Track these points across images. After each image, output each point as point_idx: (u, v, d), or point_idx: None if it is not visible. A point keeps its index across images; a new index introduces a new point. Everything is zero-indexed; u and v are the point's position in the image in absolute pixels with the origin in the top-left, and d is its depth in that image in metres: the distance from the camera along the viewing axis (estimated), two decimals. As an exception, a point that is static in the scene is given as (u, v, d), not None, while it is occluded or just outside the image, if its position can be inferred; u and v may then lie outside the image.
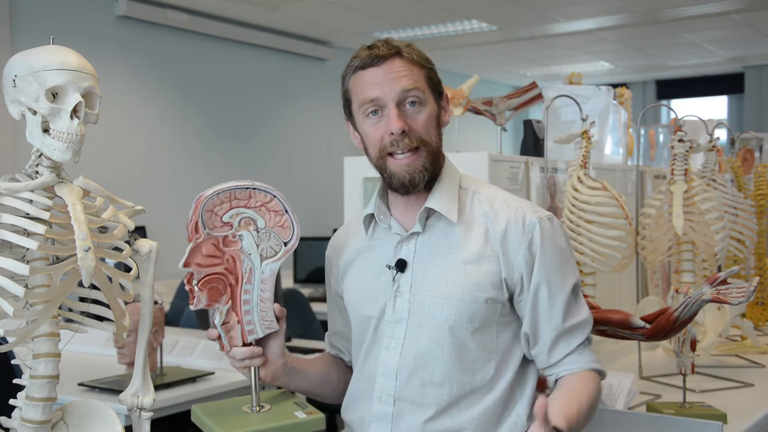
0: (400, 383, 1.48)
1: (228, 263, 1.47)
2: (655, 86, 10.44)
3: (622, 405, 2.05)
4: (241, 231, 1.46)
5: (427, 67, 1.50)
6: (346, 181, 2.70)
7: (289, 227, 1.48)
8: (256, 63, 7.12)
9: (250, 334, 1.49)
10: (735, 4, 6.59)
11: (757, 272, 3.18)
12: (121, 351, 2.65)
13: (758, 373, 2.65)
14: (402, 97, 1.45)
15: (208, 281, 1.45)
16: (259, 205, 1.47)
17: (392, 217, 1.55)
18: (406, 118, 1.45)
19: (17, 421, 1.33)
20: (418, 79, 1.46)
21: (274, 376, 1.55)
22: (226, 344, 1.49)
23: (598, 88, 3.17)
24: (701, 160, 3.01)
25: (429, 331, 1.47)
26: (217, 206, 1.44)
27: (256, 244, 1.47)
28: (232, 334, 1.49)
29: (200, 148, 6.61)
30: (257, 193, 1.47)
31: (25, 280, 1.29)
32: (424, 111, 1.47)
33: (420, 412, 1.47)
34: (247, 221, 1.47)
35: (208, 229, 1.44)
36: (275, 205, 1.48)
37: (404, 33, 7.43)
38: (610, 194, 2.36)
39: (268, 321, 1.50)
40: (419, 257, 1.50)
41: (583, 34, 7.66)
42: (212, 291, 1.46)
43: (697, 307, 1.74)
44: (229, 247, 1.46)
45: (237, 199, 1.46)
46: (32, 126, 1.29)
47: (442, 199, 1.50)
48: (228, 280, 1.47)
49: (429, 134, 1.47)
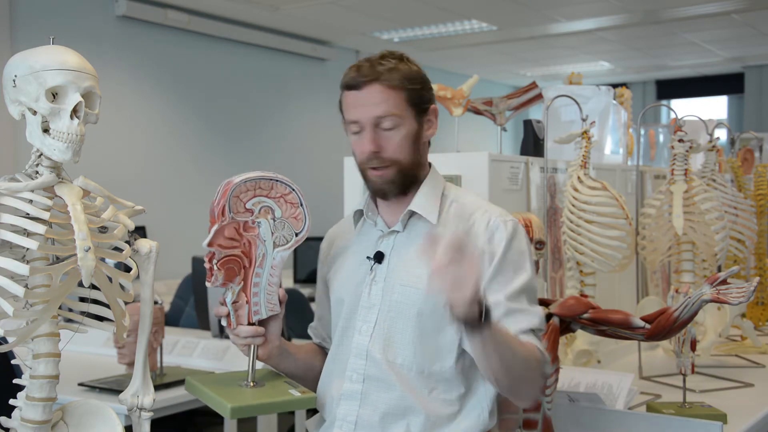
0: (369, 363, 1.59)
1: (245, 247, 1.57)
2: (655, 86, 10.44)
3: (622, 405, 2.05)
4: (260, 218, 1.57)
5: (409, 88, 1.59)
6: (346, 181, 2.70)
7: (302, 219, 1.60)
8: (256, 63, 7.12)
9: (255, 315, 1.59)
10: (735, 4, 6.59)
11: (757, 272, 3.18)
12: (121, 351, 2.65)
13: (758, 373, 2.65)
14: (376, 122, 1.58)
15: (226, 262, 1.55)
16: (278, 196, 1.59)
17: (379, 215, 1.68)
18: (380, 139, 1.58)
19: (17, 421, 1.33)
20: (393, 104, 1.57)
21: (269, 355, 1.65)
22: (233, 321, 1.59)
23: (598, 88, 3.17)
24: (701, 160, 3.01)
25: (396, 317, 1.58)
26: (242, 193, 1.55)
27: (272, 231, 1.58)
28: (239, 313, 1.59)
29: (200, 148, 6.61)
30: (278, 185, 1.59)
31: (25, 280, 1.29)
32: (398, 132, 1.58)
33: (386, 390, 1.56)
34: (266, 210, 1.58)
35: (232, 213, 1.54)
36: (293, 197, 1.60)
37: (404, 33, 7.42)
38: (610, 194, 2.36)
39: (272, 304, 1.60)
40: (396, 251, 1.63)
41: (583, 34, 7.66)
42: (228, 271, 1.55)
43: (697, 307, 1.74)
44: (248, 232, 1.57)
45: (261, 188, 1.57)
46: (32, 126, 1.29)
47: (423, 203, 1.63)
48: (243, 263, 1.57)
49: (402, 152, 1.59)
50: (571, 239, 2.37)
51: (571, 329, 1.90)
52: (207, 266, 1.54)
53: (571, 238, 2.37)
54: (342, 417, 1.60)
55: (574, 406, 2.02)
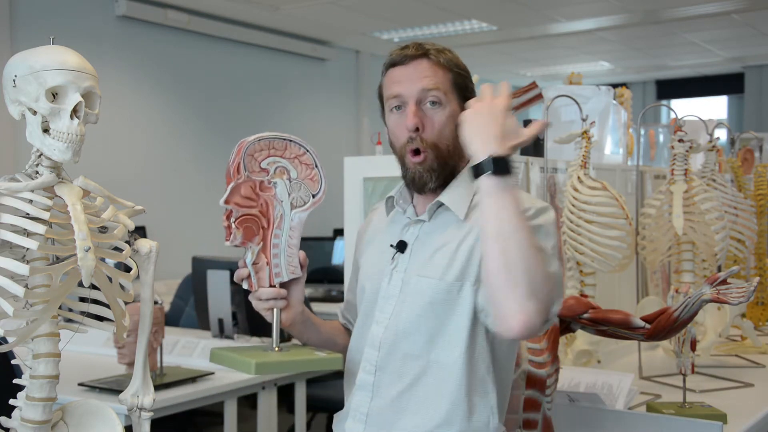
0: (382, 354, 1.55)
1: (262, 207, 1.58)
2: (655, 86, 10.44)
3: (622, 405, 2.05)
4: (275, 178, 1.59)
5: (455, 71, 1.58)
6: (346, 181, 2.71)
7: (317, 180, 1.61)
8: (256, 63, 7.12)
9: (277, 277, 1.60)
10: (735, 4, 6.59)
11: (757, 272, 3.18)
12: (121, 351, 2.65)
13: (758, 373, 2.65)
14: (422, 95, 1.53)
15: (243, 220, 1.56)
16: (293, 156, 1.60)
17: (412, 203, 1.64)
18: (423, 116, 1.53)
19: (17, 421, 1.33)
20: (440, 81, 1.54)
21: (293, 321, 1.64)
22: (254, 283, 1.59)
23: (598, 88, 3.17)
24: (701, 160, 3.01)
25: (410, 307, 1.54)
26: (257, 152, 1.56)
27: (288, 192, 1.59)
28: (260, 275, 1.59)
29: (200, 148, 6.61)
30: (292, 146, 1.60)
31: (25, 280, 1.29)
32: (442, 112, 1.54)
33: (397, 382, 1.53)
34: (281, 170, 1.59)
35: (248, 172, 1.55)
36: (307, 158, 1.61)
37: (404, 33, 7.42)
38: (610, 194, 2.36)
39: (293, 266, 1.61)
40: (419, 241, 1.58)
41: (583, 34, 7.66)
42: (247, 230, 1.56)
43: (697, 307, 1.74)
44: (264, 192, 1.58)
45: (274, 148, 1.58)
46: (32, 126, 1.29)
47: (454, 196, 1.56)
48: (261, 223, 1.58)
49: (442, 136, 1.54)
50: (571, 239, 2.37)
51: (571, 329, 1.90)
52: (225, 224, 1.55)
53: (571, 238, 2.37)
54: (355, 407, 1.57)
55: (574, 406, 2.02)
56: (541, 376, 1.77)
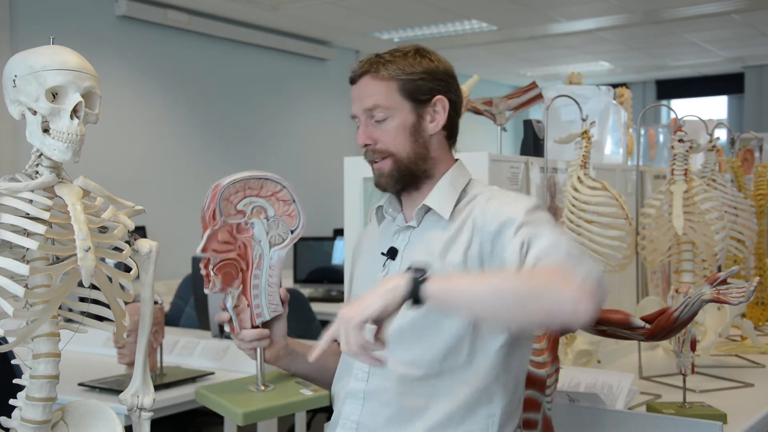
0: None
1: (240, 249, 1.56)
2: (655, 86, 10.44)
3: (622, 405, 2.05)
4: (252, 219, 1.56)
5: (403, 79, 1.56)
6: (346, 181, 2.70)
7: (296, 216, 1.60)
8: (256, 63, 7.12)
9: (258, 317, 1.58)
10: (735, 4, 6.59)
11: (757, 272, 3.18)
12: (121, 351, 2.64)
13: (758, 373, 2.65)
14: (367, 114, 1.58)
15: (222, 266, 1.55)
16: (270, 194, 1.58)
17: (401, 211, 1.64)
18: (373, 132, 1.57)
19: (17, 421, 1.33)
20: (382, 95, 1.56)
21: (277, 356, 1.63)
22: (236, 326, 1.57)
23: (598, 88, 3.17)
24: (701, 160, 3.01)
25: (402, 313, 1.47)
26: (232, 195, 1.54)
27: (266, 231, 1.58)
28: (242, 317, 1.57)
29: (200, 148, 6.61)
30: (268, 183, 1.58)
31: (25, 280, 1.29)
32: (390, 123, 1.56)
33: (389, 389, 1.51)
34: (258, 210, 1.57)
35: (224, 217, 1.53)
36: (284, 194, 1.59)
37: (404, 33, 7.42)
38: (610, 194, 2.36)
39: (274, 304, 1.59)
40: (410, 246, 1.58)
41: (583, 34, 7.66)
42: (226, 276, 1.55)
43: (697, 307, 1.74)
44: (241, 234, 1.56)
45: (250, 188, 1.56)
46: (32, 126, 1.29)
47: (438, 198, 1.57)
48: (240, 266, 1.56)
49: (396, 144, 1.56)
50: (571, 239, 2.37)
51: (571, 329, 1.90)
52: (203, 273, 1.54)
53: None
54: (346, 416, 1.56)
55: (574, 406, 2.02)
56: (541, 376, 1.77)
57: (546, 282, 1.25)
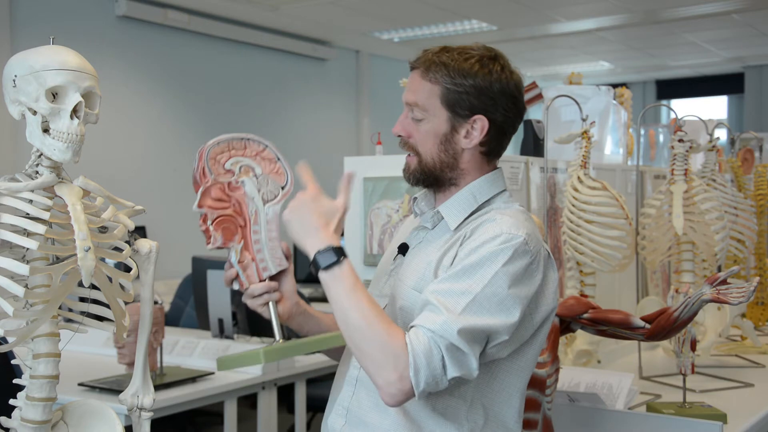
0: None
1: (235, 207, 1.61)
2: (655, 86, 10.44)
3: (622, 405, 2.05)
4: (242, 177, 1.61)
5: (448, 87, 1.50)
6: (346, 181, 2.70)
7: (283, 173, 1.65)
8: (256, 63, 7.12)
9: (264, 271, 1.62)
10: (735, 4, 6.59)
11: (757, 272, 3.19)
12: (121, 351, 2.65)
13: (758, 373, 2.65)
14: (408, 107, 1.56)
15: (220, 222, 1.58)
16: (254, 154, 1.64)
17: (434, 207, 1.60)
18: (408, 125, 1.56)
19: (17, 421, 1.33)
20: (423, 96, 1.53)
21: (290, 313, 1.65)
22: (244, 281, 1.60)
23: (598, 88, 3.17)
24: (701, 160, 3.02)
25: (390, 309, 1.55)
26: (218, 155, 1.60)
27: (257, 188, 1.62)
28: (248, 273, 1.61)
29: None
30: (251, 143, 1.64)
31: (25, 280, 1.29)
32: (423, 125, 1.54)
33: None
34: (246, 169, 1.62)
35: (213, 175, 1.58)
36: (268, 153, 1.65)
37: (404, 33, 7.43)
38: (610, 194, 2.36)
39: (278, 258, 1.63)
40: (420, 247, 1.59)
41: (583, 34, 7.66)
42: (225, 231, 1.59)
43: (697, 307, 1.74)
44: (234, 192, 1.61)
45: (234, 149, 1.62)
46: (32, 126, 1.29)
47: (452, 206, 1.56)
48: (238, 222, 1.60)
49: (424, 147, 1.54)
50: (571, 239, 2.37)
51: (571, 329, 1.90)
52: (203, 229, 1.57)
53: (571, 238, 2.37)
54: (339, 402, 1.57)
55: (574, 406, 2.02)
56: (541, 376, 1.77)
57: (385, 344, 1.34)
